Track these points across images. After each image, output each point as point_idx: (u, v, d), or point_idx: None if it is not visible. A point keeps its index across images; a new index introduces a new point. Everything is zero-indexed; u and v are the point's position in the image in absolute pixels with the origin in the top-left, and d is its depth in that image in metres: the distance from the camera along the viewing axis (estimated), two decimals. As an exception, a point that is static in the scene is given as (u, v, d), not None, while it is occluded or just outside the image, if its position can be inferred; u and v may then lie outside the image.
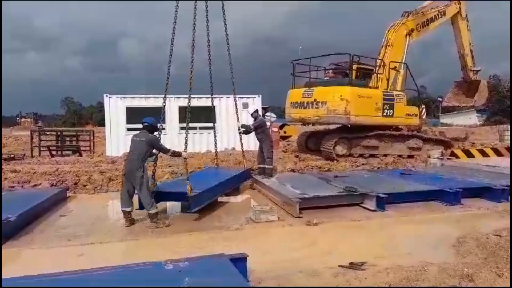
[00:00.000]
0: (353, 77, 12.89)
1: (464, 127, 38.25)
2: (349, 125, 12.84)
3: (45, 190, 8.20)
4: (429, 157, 12.87)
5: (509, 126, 22.28)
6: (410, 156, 13.28)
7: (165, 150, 6.59)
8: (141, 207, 6.41)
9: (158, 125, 6.84)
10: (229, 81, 9.11)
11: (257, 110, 9.83)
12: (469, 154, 13.98)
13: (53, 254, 4.94)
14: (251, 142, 12.74)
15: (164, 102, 7.29)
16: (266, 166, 9.31)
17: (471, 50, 16.13)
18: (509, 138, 19.85)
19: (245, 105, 14.07)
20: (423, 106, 15.29)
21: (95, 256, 4.75)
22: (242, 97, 14.75)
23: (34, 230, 5.88)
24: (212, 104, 9.46)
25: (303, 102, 13.07)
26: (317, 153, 13.51)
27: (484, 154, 14.25)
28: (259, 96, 15.74)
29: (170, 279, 3.10)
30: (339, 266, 4.25)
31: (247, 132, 9.52)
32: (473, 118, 54.84)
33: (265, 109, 20.34)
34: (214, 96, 9.27)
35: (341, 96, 11.89)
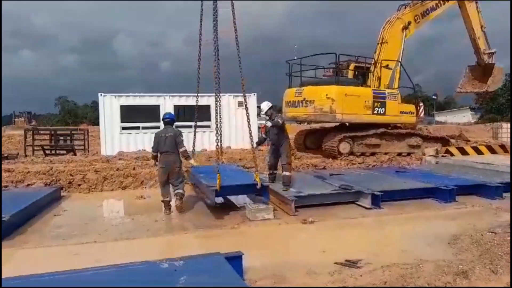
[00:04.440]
0: (351, 76, 12.98)
1: (458, 125, 38.47)
2: (338, 123, 12.99)
3: (39, 189, 8.14)
4: (424, 154, 12.94)
5: (503, 124, 22.36)
6: (408, 154, 13.36)
7: (182, 146, 6.77)
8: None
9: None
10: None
11: (272, 107, 8.04)
12: (463, 152, 14.04)
13: (47, 254, 4.91)
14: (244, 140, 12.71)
15: (219, 97, 7.18)
16: (286, 173, 7.66)
17: (483, 32, 15.44)
18: (503, 135, 19.94)
19: (240, 104, 14.04)
20: (421, 104, 15.06)
21: (90, 256, 4.72)
22: (237, 95, 14.69)
23: (28, 229, 5.84)
24: (245, 99, 7.33)
25: (295, 101, 13.27)
26: (315, 151, 13.56)
27: (478, 151, 14.32)
28: (254, 94, 15.67)
29: (165, 278, 3.08)
30: (335, 263, 4.26)
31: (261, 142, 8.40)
32: (467, 116, 55.11)
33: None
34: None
35: (327, 95, 12.07)
